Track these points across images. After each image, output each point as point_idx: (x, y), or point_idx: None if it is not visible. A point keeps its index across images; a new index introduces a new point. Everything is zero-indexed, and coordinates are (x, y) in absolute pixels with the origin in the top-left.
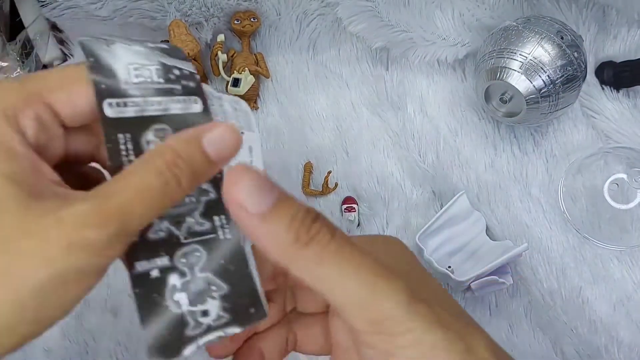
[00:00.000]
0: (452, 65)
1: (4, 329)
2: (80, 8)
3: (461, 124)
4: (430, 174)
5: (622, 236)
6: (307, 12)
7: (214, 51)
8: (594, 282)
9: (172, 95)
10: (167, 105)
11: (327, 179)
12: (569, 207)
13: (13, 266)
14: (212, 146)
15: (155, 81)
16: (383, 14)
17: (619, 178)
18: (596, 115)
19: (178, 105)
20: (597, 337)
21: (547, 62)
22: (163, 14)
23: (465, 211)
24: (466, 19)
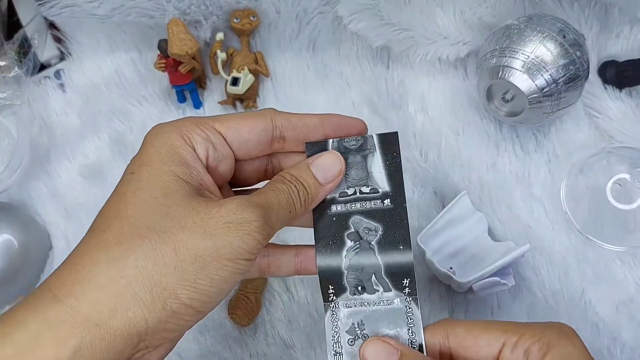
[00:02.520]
0: (454, 64)
1: (167, 292)
2: (79, 7)
3: (463, 124)
4: (432, 173)
5: (625, 237)
6: (307, 10)
7: (213, 50)
8: (596, 283)
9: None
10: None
11: None
12: (572, 208)
13: (178, 236)
14: (318, 171)
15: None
16: (384, 13)
17: (621, 178)
18: (599, 114)
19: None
20: (599, 339)
21: (550, 61)
22: (161, 13)
23: (467, 211)
24: (467, 17)
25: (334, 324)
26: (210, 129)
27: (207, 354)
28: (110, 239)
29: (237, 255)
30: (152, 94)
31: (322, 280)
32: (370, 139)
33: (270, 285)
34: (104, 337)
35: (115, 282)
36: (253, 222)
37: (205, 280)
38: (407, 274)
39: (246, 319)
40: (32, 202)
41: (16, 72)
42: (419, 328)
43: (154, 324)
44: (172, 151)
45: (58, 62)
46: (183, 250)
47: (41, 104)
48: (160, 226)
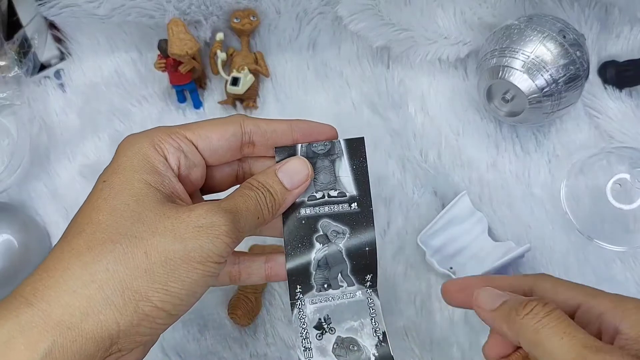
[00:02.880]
0: (454, 64)
1: (138, 295)
2: (79, 7)
3: (463, 124)
4: (432, 173)
5: (625, 237)
6: (307, 10)
7: (213, 50)
8: (596, 283)
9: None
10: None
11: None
12: (572, 208)
13: (149, 240)
14: (285, 176)
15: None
16: (384, 13)
17: (622, 178)
18: (599, 114)
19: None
20: None
21: (550, 61)
22: (162, 13)
23: (467, 211)
24: (468, 17)
25: (301, 321)
26: (182, 138)
27: (207, 354)
28: (82, 244)
29: (206, 258)
30: (152, 94)
31: (291, 281)
32: (338, 144)
33: (270, 285)
34: (75, 340)
35: (86, 286)
36: (222, 225)
37: (176, 283)
38: (370, 270)
39: (246, 319)
40: (32, 202)
41: (16, 72)
42: (380, 317)
43: (126, 327)
44: (144, 160)
45: (58, 62)
46: (154, 254)
47: (41, 104)
48: (132, 231)
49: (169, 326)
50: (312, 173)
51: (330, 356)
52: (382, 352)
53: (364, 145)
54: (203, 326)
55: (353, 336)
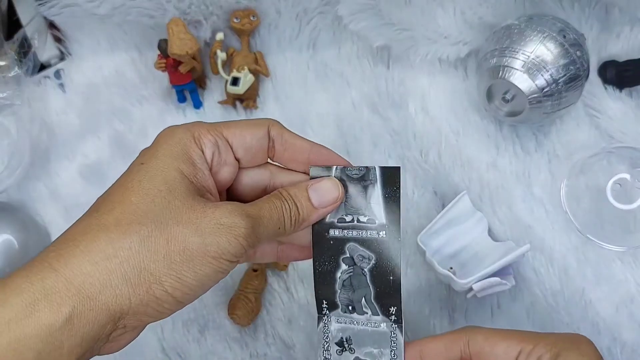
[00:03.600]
0: (454, 64)
1: (153, 277)
2: (79, 6)
3: (463, 123)
4: (432, 173)
5: (625, 237)
6: (307, 10)
7: (213, 50)
8: (597, 283)
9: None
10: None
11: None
12: (572, 208)
13: (172, 228)
14: (315, 194)
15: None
16: (384, 12)
17: (622, 178)
18: (599, 114)
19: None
20: (600, 339)
21: (550, 61)
22: (162, 12)
23: (467, 211)
24: (468, 17)
25: (325, 335)
26: (219, 135)
27: (207, 354)
28: (111, 221)
29: (221, 255)
30: (152, 94)
31: (317, 295)
32: (373, 170)
33: (270, 285)
34: (92, 309)
35: (109, 259)
36: (242, 228)
37: (189, 273)
38: (395, 302)
39: (246, 319)
40: (32, 202)
41: (16, 72)
42: (400, 351)
43: (136, 305)
44: (183, 150)
45: (58, 62)
46: (174, 242)
47: (41, 104)
48: (159, 217)
49: (174, 312)
50: (343, 196)
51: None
52: None
53: (399, 175)
54: (203, 326)
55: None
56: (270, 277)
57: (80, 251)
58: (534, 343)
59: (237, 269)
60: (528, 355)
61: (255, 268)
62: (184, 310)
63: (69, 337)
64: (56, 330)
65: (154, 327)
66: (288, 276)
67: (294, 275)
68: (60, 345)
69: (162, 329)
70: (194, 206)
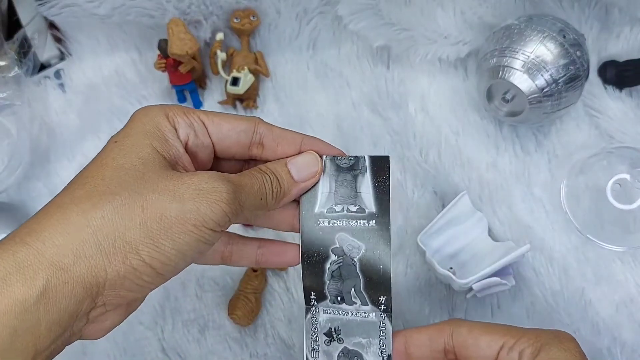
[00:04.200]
0: (454, 64)
1: (129, 246)
2: (79, 6)
3: (463, 124)
4: (432, 173)
5: (625, 237)
6: (307, 10)
7: (213, 50)
8: (596, 283)
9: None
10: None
11: None
12: (572, 208)
13: (148, 196)
14: (294, 168)
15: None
16: (384, 12)
17: (622, 178)
18: (599, 114)
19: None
20: (600, 339)
21: (550, 61)
22: (162, 12)
23: (467, 211)
24: (468, 17)
25: (313, 325)
26: (195, 117)
27: (207, 354)
28: (82, 194)
29: (202, 223)
30: (152, 94)
31: (305, 287)
32: (362, 160)
33: (270, 286)
34: (67, 282)
35: (81, 230)
36: (223, 192)
37: (167, 242)
38: (384, 292)
39: (246, 319)
40: (32, 202)
41: (16, 72)
42: (389, 341)
43: (113, 276)
44: (156, 128)
45: (58, 62)
46: (150, 209)
47: (41, 104)
48: (133, 186)
49: (154, 287)
50: (321, 170)
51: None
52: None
53: (389, 164)
54: (203, 326)
55: (359, 350)
56: (270, 277)
57: (51, 224)
58: (516, 337)
59: (237, 269)
60: (510, 348)
61: (255, 268)
62: (184, 310)
63: (45, 312)
64: (31, 306)
65: (154, 327)
66: (288, 276)
67: (294, 276)
68: (37, 322)
69: (162, 329)
70: (170, 176)
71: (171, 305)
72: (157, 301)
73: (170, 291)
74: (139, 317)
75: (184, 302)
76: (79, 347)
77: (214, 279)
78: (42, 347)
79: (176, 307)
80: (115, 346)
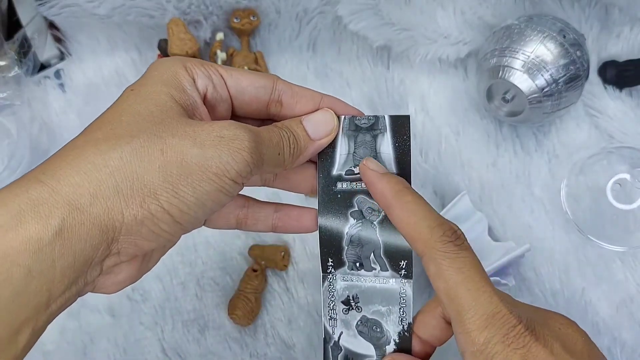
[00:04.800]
0: (454, 64)
1: (147, 189)
2: (79, 6)
3: (463, 123)
4: (432, 173)
5: (625, 237)
6: (307, 10)
7: (212, 50)
8: (596, 283)
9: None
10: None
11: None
12: (572, 208)
13: (167, 139)
14: (309, 125)
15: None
16: (384, 12)
17: (622, 178)
18: (599, 114)
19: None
20: (600, 339)
21: (550, 61)
22: (161, 12)
23: (468, 211)
24: (468, 17)
25: (330, 294)
26: (214, 70)
27: (207, 354)
28: (99, 136)
29: (224, 172)
30: None
31: (323, 253)
32: (382, 119)
33: (270, 285)
34: (83, 223)
35: (98, 170)
36: (245, 141)
37: (187, 188)
38: (405, 256)
39: (246, 319)
40: None
41: (16, 72)
42: (409, 308)
43: (130, 220)
44: (173, 77)
45: (58, 62)
46: (170, 153)
47: (41, 104)
48: (152, 130)
49: (172, 239)
50: (337, 128)
51: (353, 330)
52: (404, 342)
53: (409, 124)
54: (203, 326)
55: (378, 319)
56: (270, 277)
57: (67, 164)
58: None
59: (237, 269)
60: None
61: (255, 268)
62: (184, 310)
63: (60, 254)
64: (46, 245)
65: (154, 327)
66: (288, 276)
67: (294, 276)
68: (52, 264)
69: (162, 329)
70: (190, 122)
71: (171, 306)
72: (157, 301)
73: (170, 291)
74: (139, 317)
75: (184, 302)
76: (79, 347)
77: (214, 279)
78: (56, 292)
79: (176, 307)
80: (115, 346)
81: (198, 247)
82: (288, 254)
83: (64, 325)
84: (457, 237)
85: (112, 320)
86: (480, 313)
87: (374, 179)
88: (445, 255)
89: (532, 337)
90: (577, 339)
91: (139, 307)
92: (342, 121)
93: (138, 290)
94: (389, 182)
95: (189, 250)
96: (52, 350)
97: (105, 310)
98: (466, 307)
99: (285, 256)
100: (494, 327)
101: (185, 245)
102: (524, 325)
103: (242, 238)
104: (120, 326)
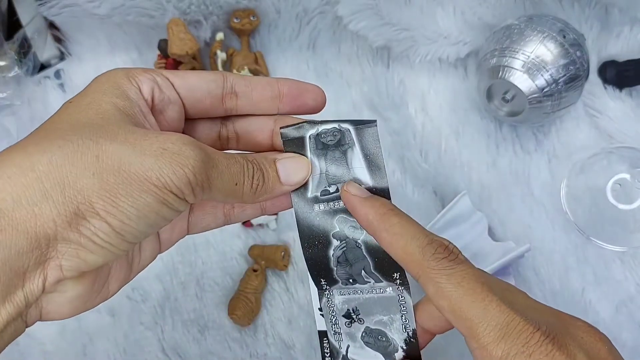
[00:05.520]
0: (454, 64)
1: (81, 196)
2: (79, 6)
3: (463, 124)
4: (432, 173)
5: (625, 237)
6: (307, 10)
7: (212, 50)
8: (596, 283)
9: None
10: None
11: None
12: (572, 208)
13: (104, 145)
14: (283, 168)
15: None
16: (384, 12)
17: (622, 178)
18: (599, 114)
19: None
20: None
21: (550, 61)
22: (161, 12)
23: (467, 212)
24: (468, 17)
25: (330, 309)
26: (157, 73)
27: (207, 354)
28: (30, 141)
29: (164, 184)
30: None
31: (313, 275)
32: (348, 133)
33: (270, 286)
34: (4, 229)
35: (24, 174)
36: (190, 158)
37: (126, 198)
38: (397, 269)
39: (246, 319)
40: None
41: (16, 72)
42: (411, 315)
43: (64, 229)
44: (115, 86)
45: (58, 62)
46: (106, 159)
47: (41, 104)
48: (88, 135)
49: (117, 252)
50: (310, 174)
51: (359, 342)
52: (411, 348)
53: (377, 130)
54: (203, 326)
55: (382, 329)
56: (270, 277)
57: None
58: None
59: (237, 269)
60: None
61: (255, 268)
62: (184, 310)
63: None
64: None
65: (154, 327)
66: (288, 276)
67: (294, 276)
68: None
69: (162, 329)
70: (133, 130)
71: (171, 306)
72: (157, 301)
73: (170, 291)
74: (139, 317)
75: (184, 302)
76: (79, 347)
77: (214, 279)
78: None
79: (176, 307)
80: (115, 346)
81: (198, 247)
82: (288, 254)
83: (64, 325)
84: (449, 252)
85: (112, 320)
86: (492, 324)
87: (357, 205)
88: (442, 273)
89: (554, 346)
90: (600, 347)
91: (139, 307)
92: (307, 141)
93: (138, 290)
94: (373, 206)
95: (189, 250)
96: (52, 350)
97: (105, 310)
98: (476, 320)
99: (285, 256)
100: (510, 338)
101: (185, 245)
102: (542, 332)
103: (242, 238)
104: (120, 326)
